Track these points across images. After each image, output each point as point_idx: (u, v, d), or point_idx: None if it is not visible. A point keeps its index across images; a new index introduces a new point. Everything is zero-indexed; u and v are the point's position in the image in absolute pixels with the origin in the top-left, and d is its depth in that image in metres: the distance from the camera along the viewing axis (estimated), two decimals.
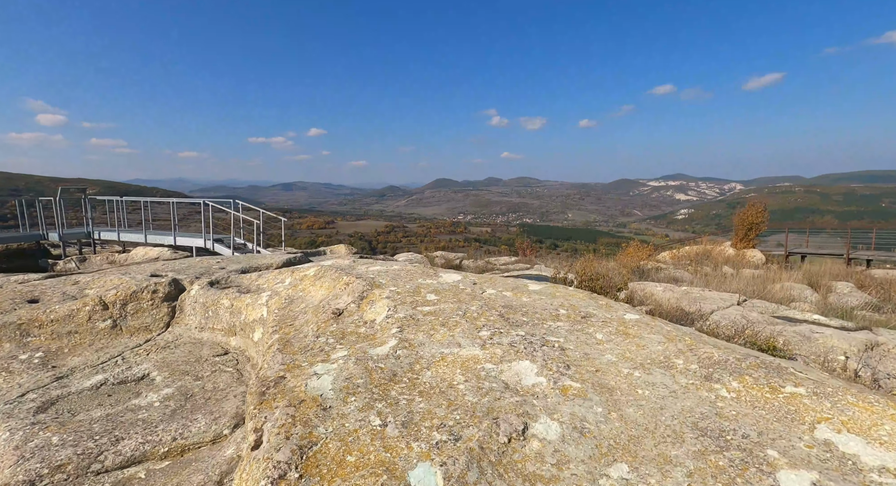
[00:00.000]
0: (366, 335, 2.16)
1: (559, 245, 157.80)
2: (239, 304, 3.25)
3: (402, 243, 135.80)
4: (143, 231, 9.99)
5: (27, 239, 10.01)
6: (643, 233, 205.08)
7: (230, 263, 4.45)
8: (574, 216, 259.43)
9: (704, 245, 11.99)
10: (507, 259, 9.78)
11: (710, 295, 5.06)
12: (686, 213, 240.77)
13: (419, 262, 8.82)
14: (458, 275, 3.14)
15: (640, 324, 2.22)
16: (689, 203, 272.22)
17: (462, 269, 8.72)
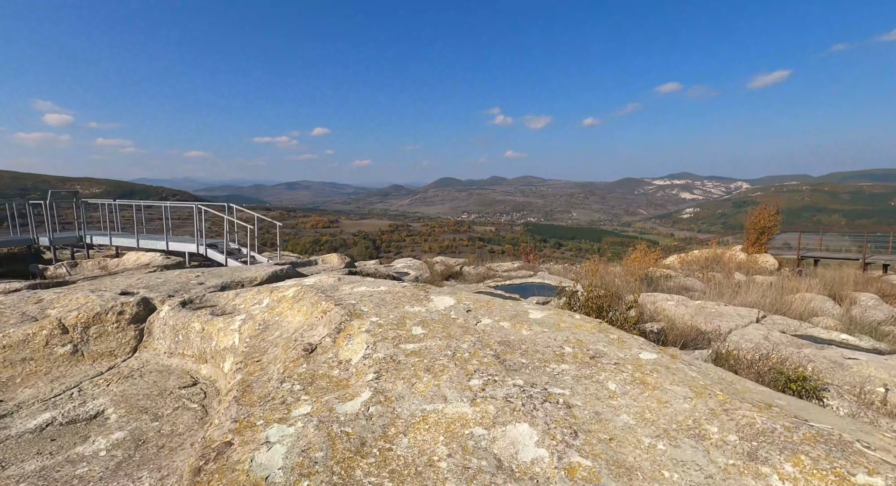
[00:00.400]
0: (338, 381, 1.84)
1: (563, 244, 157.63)
2: (210, 328, 2.94)
3: (406, 242, 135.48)
4: (135, 236, 9.74)
5: (17, 243, 9.78)
6: (648, 232, 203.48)
7: (211, 277, 4.15)
8: (578, 215, 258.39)
9: (714, 249, 11.59)
10: (509, 265, 9.45)
11: (726, 310, 4.71)
12: (692, 212, 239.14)
13: (417, 269, 8.51)
14: (450, 299, 2.82)
15: (660, 368, 1.89)
16: (695, 202, 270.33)
17: (462, 276, 8.41)
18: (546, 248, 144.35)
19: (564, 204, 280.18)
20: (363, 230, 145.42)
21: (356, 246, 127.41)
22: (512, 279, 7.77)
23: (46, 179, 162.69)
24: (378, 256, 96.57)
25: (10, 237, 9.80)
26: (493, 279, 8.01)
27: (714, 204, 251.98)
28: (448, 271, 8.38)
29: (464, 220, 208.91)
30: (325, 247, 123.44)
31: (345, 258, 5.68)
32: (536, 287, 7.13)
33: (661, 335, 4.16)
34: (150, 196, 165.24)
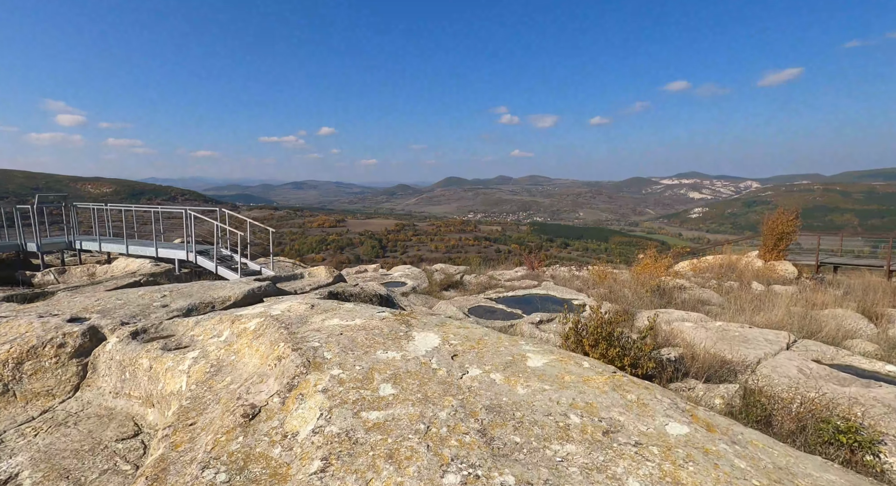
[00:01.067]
0: (275, 470, 1.42)
1: (570, 244, 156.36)
2: (159, 367, 2.53)
3: (413, 241, 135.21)
4: (124, 242, 9.40)
5: (4, 249, 9.49)
6: (656, 232, 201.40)
7: (178, 297, 3.75)
8: (585, 215, 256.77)
9: (728, 255, 11.03)
10: (511, 274, 8.97)
11: (751, 334, 4.22)
12: (700, 212, 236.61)
13: (416, 277, 8.08)
14: (435, 337, 2.38)
15: (695, 453, 1.44)
16: (704, 202, 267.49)
17: (463, 286, 7.97)
18: (552, 247, 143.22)
19: (571, 203, 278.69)
20: (369, 230, 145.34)
21: (362, 246, 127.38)
22: (515, 290, 7.31)
23: (59, 178, 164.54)
24: (384, 255, 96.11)
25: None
26: (494, 289, 7.55)
27: (723, 204, 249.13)
28: (448, 281, 7.93)
29: (470, 219, 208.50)
30: (331, 246, 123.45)
31: (333, 271, 5.26)
32: (540, 300, 6.66)
33: (680, 364, 3.69)
34: (160, 195, 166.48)
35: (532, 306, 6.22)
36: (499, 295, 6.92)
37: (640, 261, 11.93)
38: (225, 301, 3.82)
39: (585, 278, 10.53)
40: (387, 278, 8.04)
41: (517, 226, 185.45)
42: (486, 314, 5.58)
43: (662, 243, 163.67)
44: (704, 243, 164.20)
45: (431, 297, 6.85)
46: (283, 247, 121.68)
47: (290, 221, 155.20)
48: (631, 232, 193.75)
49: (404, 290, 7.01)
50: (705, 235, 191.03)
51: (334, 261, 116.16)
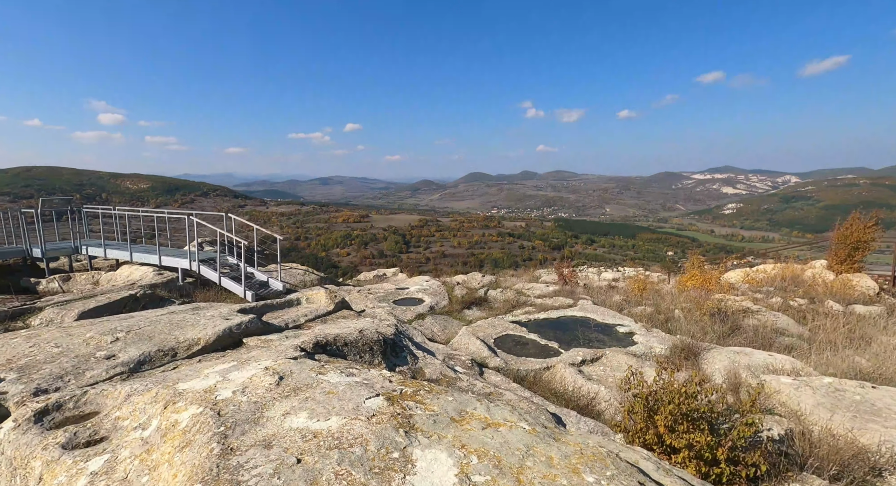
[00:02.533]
0: None
1: (595, 240, 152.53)
2: (49, 478, 1.75)
3: (436, 237, 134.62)
4: (128, 248, 8.91)
5: (9, 255, 9.15)
6: (686, 229, 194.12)
7: (133, 343, 2.99)
8: (612, 211, 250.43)
9: (790, 264, 9.67)
10: (542, 288, 7.94)
11: (878, 398, 3.16)
12: (734, 207, 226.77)
13: (434, 293, 7.19)
14: (448, 463, 1.49)
15: None
16: (738, 197, 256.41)
17: (487, 303, 7.04)
18: (577, 244, 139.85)
19: (597, 199, 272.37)
20: (393, 225, 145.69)
21: (386, 241, 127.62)
22: (547, 310, 6.35)
23: (101, 175, 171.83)
24: (407, 250, 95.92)
25: (2, 248, 9.19)
26: (523, 308, 6.61)
27: (759, 199, 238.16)
28: (470, 297, 7.01)
29: (493, 215, 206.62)
30: (355, 241, 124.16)
31: (335, 296, 4.44)
32: (578, 324, 5.68)
33: (788, 446, 2.69)
34: (194, 191, 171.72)
35: (570, 334, 5.25)
36: (529, 317, 5.97)
37: (685, 271, 10.71)
38: (191, 346, 3.05)
39: (624, 289, 9.42)
40: (402, 293, 7.20)
41: (541, 222, 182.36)
42: (515, 349, 4.65)
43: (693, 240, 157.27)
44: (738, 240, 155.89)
45: (451, 318, 5.97)
46: (310, 242, 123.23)
47: (315, 216, 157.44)
48: (659, 228, 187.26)
49: (421, 310, 6.16)
50: (739, 232, 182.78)
51: (359, 256, 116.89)
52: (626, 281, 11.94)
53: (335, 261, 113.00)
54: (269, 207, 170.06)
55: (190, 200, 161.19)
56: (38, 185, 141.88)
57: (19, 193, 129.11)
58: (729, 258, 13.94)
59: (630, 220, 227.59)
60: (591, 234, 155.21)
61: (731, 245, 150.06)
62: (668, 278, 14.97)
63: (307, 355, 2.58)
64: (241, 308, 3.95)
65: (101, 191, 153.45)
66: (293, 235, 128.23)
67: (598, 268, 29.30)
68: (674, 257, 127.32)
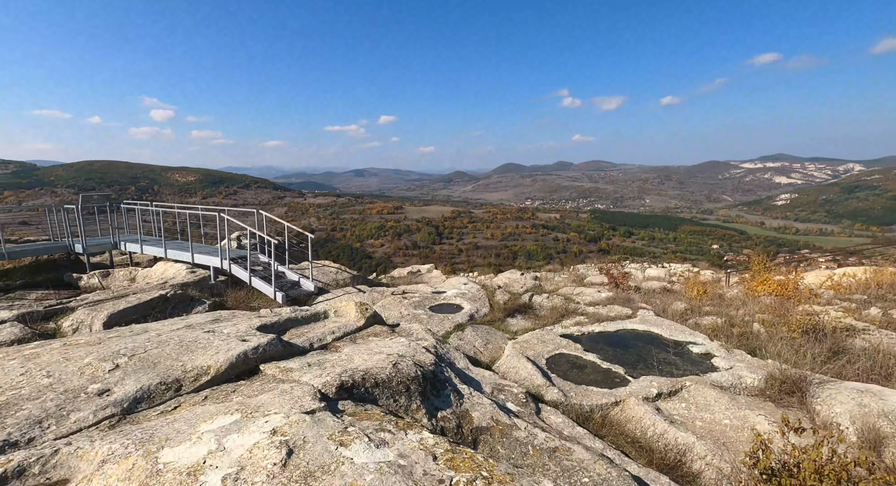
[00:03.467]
0: None
1: (634, 233, 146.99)
2: None
3: (468, 228, 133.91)
4: (163, 245, 8.82)
5: (54, 250, 9.30)
6: (733, 221, 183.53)
7: (132, 373, 2.56)
8: (652, 202, 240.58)
9: (886, 268, 8.35)
10: (593, 293, 7.12)
11: None
12: (788, 198, 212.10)
13: (473, 298, 6.58)
14: None
15: None
16: (793, 187, 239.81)
17: (532, 310, 6.33)
18: (615, 236, 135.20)
19: (637, 190, 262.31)
20: (426, 216, 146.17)
21: (419, 232, 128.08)
22: (601, 320, 5.62)
23: (152, 168, 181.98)
24: (440, 242, 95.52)
25: (47, 244, 9.35)
26: (573, 317, 5.90)
27: (816, 189, 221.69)
28: (513, 303, 6.34)
29: (527, 206, 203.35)
30: (389, 232, 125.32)
31: (366, 311, 3.93)
32: (641, 340, 4.93)
33: None
34: (236, 183, 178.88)
35: (633, 354, 4.52)
36: (582, 330, 5.26)
37: (754, 273, 9.58)
38: (199, 377, 2.60)
39: (681, 293, 8.47)
40: (440, 298, 6.62)
41: (577, 213, 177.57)
42: (572, 373, 3.99)
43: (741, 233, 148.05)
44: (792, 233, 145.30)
45: (494, 329, 5.36)
46: (345, 232, 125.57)
47: (350, 207, 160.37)
48: (704, 221, 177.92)
49: (460, 319, 5.57)
50: (793, 225, 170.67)
51: (392, 247, 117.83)
52: (681, 282, 10.90)
53: (369, 252, 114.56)
54: (306, 199, 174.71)
55: (233, 192, 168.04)
56: (98, 178, 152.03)
57: (82, 185, 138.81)
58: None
59: (671, 212, 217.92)
60: (629, 226, 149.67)
61: (784, 238, 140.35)
62: (726, 279, 13.69)
63: (329, 405, 2.04)
64: (262, 325, 3.50)
65: (154, 183, 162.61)
66: (329, 226, 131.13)
67: (640, 263, 27.73)
68: (719, 251, 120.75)
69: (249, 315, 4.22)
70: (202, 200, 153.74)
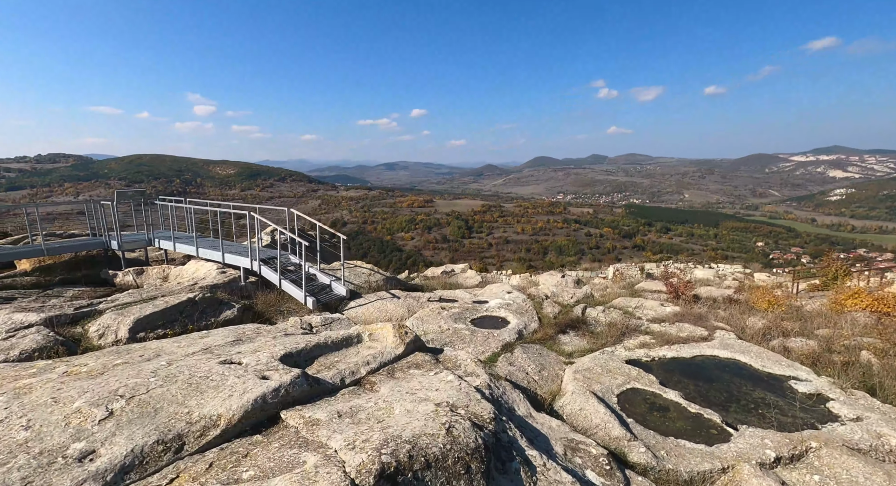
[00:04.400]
0: None
1: (672, 229, 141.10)
2: None
3: (499, 222, 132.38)
4: (194, 243, 8.60)
5: (91, 246, 9.28)
6: (780, 217, 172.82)
7: (127, 424, 2.08)
8: (691, 197, 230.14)
9: None
10: (655, 307, 6.24)
11: None
12: (843, 193, 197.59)
13: (519, 310, 5.89)
14: None
15: None
16: (849, 181, 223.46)
17: (586, 326, 5.58)
18: (650, 232, 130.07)
19: (675, 184, 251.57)
20: (456, 210, 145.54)
21: (449, 226, 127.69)
22: (670, 341, 4.84)
23: (196, 161, 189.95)
24: (470, 236, 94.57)
25: (85, 241, 9.34)
26: (634, 336, 5.14)
27: (876, 183, 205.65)
28: (564, 317, 5.62)
29: (559, 201, 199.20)
30: (419, 226, 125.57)
31: (405, 335, 3.36)
32: (726, 371, 4.14)
33: None
34: (272, 176, 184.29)
35: (722, 391, 3.75)
36: (650, 354, 4.52)
37: (828, 280, 8.43)
38: (206, 430, 2.09)
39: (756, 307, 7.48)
40: (481, 309, 5.98)
41: (611, 208, 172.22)
42: (653, 418, 3.28)
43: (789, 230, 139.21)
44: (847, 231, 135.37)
45: (546, 349, 4.69)
46: (376, 225, 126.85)
47: (382, 200, 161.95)
48: (748, 217, 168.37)
49: (507, 337, 4.93)
50: (848, 222, 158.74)
51: (422, 240, 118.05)
52: (744, 289, 9.80)
53: (399, 245, 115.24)
54: (339, 192, 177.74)
55: (269, 185, 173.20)
56: (147, 171, 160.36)
57: (132, 178, 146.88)
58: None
59: (712, 207, 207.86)
60: (666, 221, 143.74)
61: (838, 236, 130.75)
62: (793, 285, 12.39)
63: None
64: (287, 353, 2.98)
65: (196, 176, 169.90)
66: (360, 219, 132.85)
67: (685, 264, 26.03)
68: (764, 249, 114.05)
69: (274, 333, 3.74)
70: (241, 192, 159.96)
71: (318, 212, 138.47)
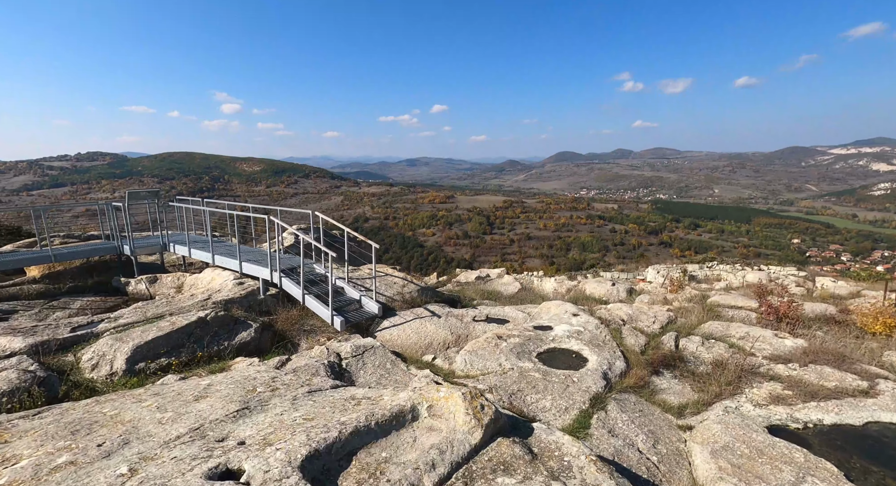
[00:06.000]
0: None
1: (700, 225, 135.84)
2: None
3: (521, 218, 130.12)
4: (210, 249, 7.75)
5: (102, 252, 8.57)
6: (818, 212, 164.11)
7: None
8: (721, 192, 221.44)
9: None
10: (769, 338, 4.91)
11: None
12: (888, 187, 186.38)
13: (593, 341, 4.69)
14: None
15: None
16: (894, 175, 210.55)
17: (684, 362, 4.37)
18: (678, 229, 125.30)
19: (704, 179, 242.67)
20: (477, 206, 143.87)
21: (470, 222, 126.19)
22: (813, 395, 3.59)
23: (223, 158, 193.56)
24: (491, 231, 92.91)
25: (95, 245, 8.65)
26: (757, 382, 3.91)
27: None
28: (656, 352, 4.38)
29: (582, 196, 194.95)
30: (440, 222, 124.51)
31: (481, 412, 2.28)
32: None
33: None
34: (297, 173, 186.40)
35: None
36: (797, 416, 3.32)
37: None
38: None
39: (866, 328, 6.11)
40: (546, 338, 4.80)
41: (636, 204, 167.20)
42: None
43: (828, 226, 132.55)
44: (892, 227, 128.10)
45: (647, 403, 3.53)
46: (398, 221, 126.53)
47: (403, 196, 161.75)
48: (782, 212, 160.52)
49: (591, 385, 3.77)
50: (893, 218, 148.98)
51: (443, 236, 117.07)
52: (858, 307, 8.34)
53: (421, 240, 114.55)
54: (361, 188, 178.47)
55: (294, 182, 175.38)
56: (178, 168, 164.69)
57: (164, 175, 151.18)
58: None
59: (744, 202, 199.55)
60: (695, 218, 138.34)
61: (881, 233, 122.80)
62: (885, 296, 10.77)
63: None
64: (313, 452, 1.95)
65: (224, 173, 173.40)
66: (382, 215, 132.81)
67: (731, 265, 24.03)
68: (800, 247, 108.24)
69: (296, 388, 2.74)
70: (266, 189, 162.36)
71: (340, 208, 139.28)
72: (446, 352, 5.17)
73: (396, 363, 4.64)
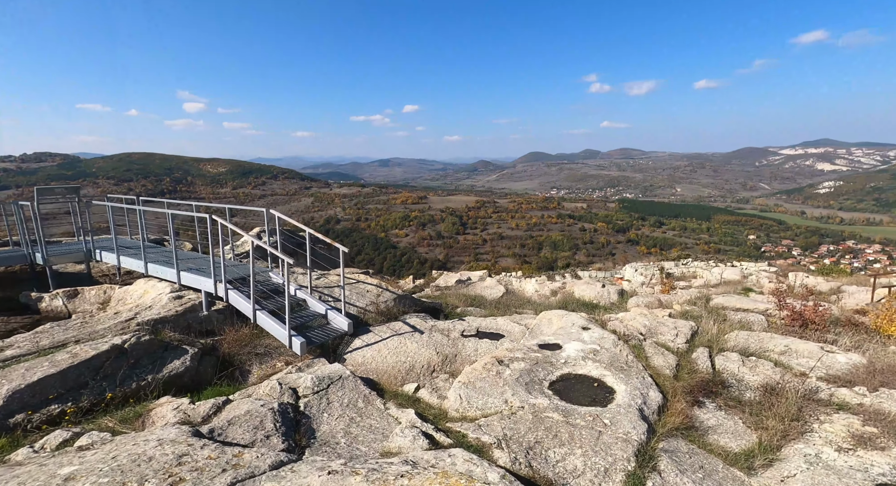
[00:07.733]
0: None
1: (665, 223, 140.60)
2: None
3: (493, 218, 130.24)
4: (142, 257, 6.45)
5: (8, 261, 7.06)
6: (770, 210, 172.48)
7: None
8: (683, 191, 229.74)
9: None
10: (815, 352, 4.16)
11: None
12: (832, 186, 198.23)
13: (616, 364, 3.78)
14: None
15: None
16: (837, 174, 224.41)
17: (727, 389, 3.57)
18: (644, 226, 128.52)
19: (667, 178, 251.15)
20: (450, 206, 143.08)
21: (443, 222, 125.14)
22: (889, 434, 2.87)
23: (186, 159, 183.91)
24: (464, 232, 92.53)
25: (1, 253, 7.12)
26: (825, 415, 3.15)
27: (863, 176, 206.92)
28: (691, 378, 3.54)
29: (553, 196, 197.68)
30: (413, 222, 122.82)
31: None
32: None
33: None
34: (265, 174, 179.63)
35: None
36: (880, 470, 2.56)
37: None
38: None
39: (881, 330, 5.56)
40: (557, 362, 3.88)
41: (604, 203, 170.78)
42: None
43: (780, 223, 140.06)
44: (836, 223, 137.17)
45: (702, 450, 2.69)
46: (370, 222, 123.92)
47: (375, 197, 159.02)
48: (739, 210, 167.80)
49: (628, 428, 2.88)
50: (837, 214, 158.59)
51: (416, 237, 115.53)
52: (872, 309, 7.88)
53: (394, 242, 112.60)
54: (332, 189, 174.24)
55: (262, 183, 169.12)
56: (137, 169, 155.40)
57: (122, 176, 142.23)
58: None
59: (704, 200, 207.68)
60: (659, 216, 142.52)
61: (827, 228, 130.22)
62: (872, 293, 10.50)
63: None
64: None
65: (187, 174, 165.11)
66: (354, 216, 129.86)
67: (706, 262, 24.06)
68: (756, 242, 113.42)
69: (217, 469, 1.66)
70: (232, 190, 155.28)
71: (310, 209, 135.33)
72: (433, 379, 4.18)
73: (371, 400, 3.62)
